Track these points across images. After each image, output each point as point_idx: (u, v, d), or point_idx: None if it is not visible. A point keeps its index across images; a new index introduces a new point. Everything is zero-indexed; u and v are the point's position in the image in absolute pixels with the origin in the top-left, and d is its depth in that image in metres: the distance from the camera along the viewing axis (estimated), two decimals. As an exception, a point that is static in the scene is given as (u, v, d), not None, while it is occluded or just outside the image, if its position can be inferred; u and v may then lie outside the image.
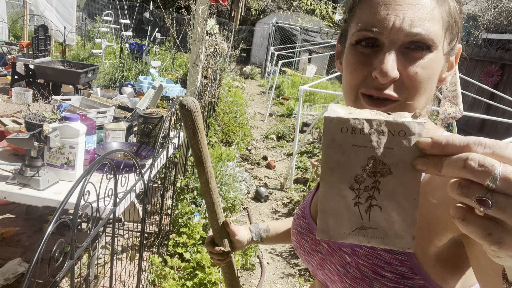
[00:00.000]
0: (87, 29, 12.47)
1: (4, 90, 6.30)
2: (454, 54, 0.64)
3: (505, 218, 0.33)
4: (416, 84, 0.58)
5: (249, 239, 1.00)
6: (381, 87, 0.59)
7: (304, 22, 14.45)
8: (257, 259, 3.06)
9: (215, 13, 3.98)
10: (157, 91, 3.13)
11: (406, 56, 0.58)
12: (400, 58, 0.58)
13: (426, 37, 0.57)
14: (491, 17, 10.29)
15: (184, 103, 0.76)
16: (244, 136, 5.87)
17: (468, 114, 3.92)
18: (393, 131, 0.41)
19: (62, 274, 1.06)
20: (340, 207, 0.43)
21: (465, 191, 0.35)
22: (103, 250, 2.47)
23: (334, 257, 0.71)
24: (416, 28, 0.56)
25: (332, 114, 0.43)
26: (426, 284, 0.60)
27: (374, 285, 0.62)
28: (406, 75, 0.58)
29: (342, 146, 0.42)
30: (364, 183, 0.42)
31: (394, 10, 0.57)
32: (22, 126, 2.19)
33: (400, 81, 0.59)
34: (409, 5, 0.57)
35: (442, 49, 0.60)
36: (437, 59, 0.59)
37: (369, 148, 0.41)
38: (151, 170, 1.91)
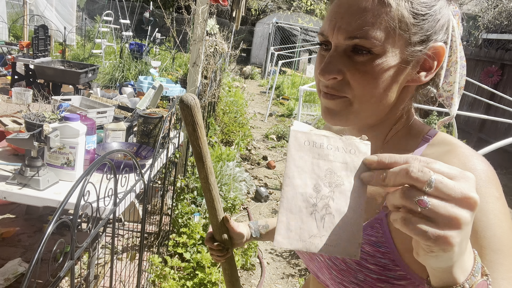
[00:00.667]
0: (87, 29, 12.48)
1: (4, 90, 6.30)
2: (423, 54, 0.64)
3: (437, 216, 0.41)
4: (360, 85, 0.62)
5: (248, 235, 1.02)
6: (327, 85, 0.65)
7: (304, 22, 14.45)
8: (257, 259, 3.06)
9: (215, 13, 3.98)
10: (157, 91, 3.13)
11: (351, 58, 0.63)
12: (345, 60, 0.63)
13: (364, 42, 0.60)
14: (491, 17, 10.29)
15: (184, 99, 0.77)
16: (244, 136, 5.87)
17: (468, 114, 3.92)
18: (346, 148, 0.47)
19: (62, 274, 1.06)
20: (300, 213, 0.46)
21: (407, 194, 0.42)
22: (103, 250, 2.47)
23: (318, 257, 0.75)
24: (353, 32, 0.60)
25: (298, 128, 0.48)
26: (407, 275, 0.64)
27: (359, 276, 0.67)
28: (349, 75, 0.63)
29: (304, 158, 0.47)
30: (321, 191, 0.46)
31: (338, 17, 0.62)
32: (22, 126, 2.19)
33: (345, 80, 0.63)
34: (350, 14, 0.61)
35: (394, 52, 0.61)
36: (386, 63, 0.61)
37: (327, 161, 0.47)
38: (151, 170, 1.91)
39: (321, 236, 0.46)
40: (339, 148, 0.47)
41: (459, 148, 0.64)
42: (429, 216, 0.41)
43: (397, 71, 0.63)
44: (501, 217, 0.57)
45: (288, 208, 0.46)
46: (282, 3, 17.78)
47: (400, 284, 0.65)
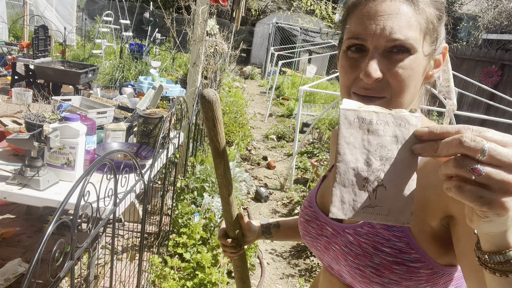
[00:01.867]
0: (87, 29, 12.48)
1: (4, 90, 6.30)
2: (438, 53, 0.73)
3: (492, 183, 0.42)
4: (399, 83, 0.67)
5: (259, 233, 1.05)
6: (367, 87, 0.68)
7: (304, 22, 14.45)
8: (257, 259, 3.06)
9: (215, 14, 3.98)
10: (157, 92, 3.14)
11: (388, 59, 0.66)
12: (384, 61, 0.66)
13: (404, 42, 0.65)
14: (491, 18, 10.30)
15: (205, 94, 0.78)
16: (244, 137, 5.87)
17: (468, 114, 3.92)
18: (396, 122, 0.48)
19: (62, 274, 1.06)
20: (353, 186, 0.49)
21: (461, 163, 0.43)
22: (103, 250, 2.47)
23: (338, 239, 0.78)
24: (395, 34, 0.65)
25: (347, 106, 0.50)
26: (421, 258, 0.67)
27: (375, 259, 0.70)
28: (390, 75, 0.66)
29: (354, 134, 0.49)
30: (372, 165, 0.49)
31: (376, 20, 0.66)
32: (22, 126, 2.19)
33: (385, 80, 0.67)
34: (389, 15, 0.65)
35: (422, 51, 0.68)
36: (418, 60, 0.67)
37: (377, 135, 0.49)
38: (151, 170, 1.91)
39: (374, 207, 0.49)
40: (388, 122, 0.49)
41: None
42: (483, 182, 0.42)
43: (424, 68, 0.70)
44: None
45: (341, 183, 0.49)
46: (282, 4, 17.78)
47: (415, 267, 0.67)
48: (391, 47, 0.66)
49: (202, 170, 3.50)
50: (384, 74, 0.66)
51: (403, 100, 0.68)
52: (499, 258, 0.47)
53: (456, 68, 9.08)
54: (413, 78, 0.68)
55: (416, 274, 0.67)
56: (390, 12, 0.66)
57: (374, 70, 0.65)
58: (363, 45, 0.68)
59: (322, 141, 6.11)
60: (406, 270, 0.67)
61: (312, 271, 3.05)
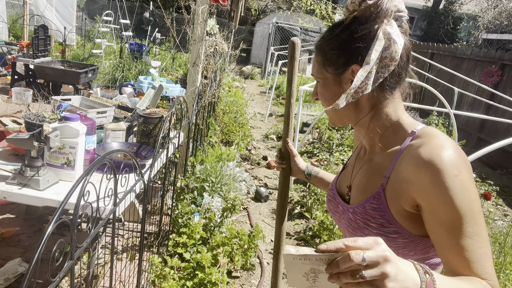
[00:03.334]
0: (87, 29, 12.47)
1: (4, 90, 6.30)
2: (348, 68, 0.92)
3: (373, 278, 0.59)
4: (324, 98, 0.99)
5: (303, 168, 1.31)
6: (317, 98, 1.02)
7: (304, 22, 14.44)
8: (257, 259, 3.06)
9: (215, 13, 3.98)
10: (157, 91, 3.14)
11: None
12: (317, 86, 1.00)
13: (317, 77, 0.98)
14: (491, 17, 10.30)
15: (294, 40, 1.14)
16: (244, 136, 5.87)
17: (468, 114, 3.92)
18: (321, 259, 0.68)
19: (62, 274, 1.06)
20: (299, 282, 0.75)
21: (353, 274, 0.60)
22: (103, 250, 2.47)
23: (344, 215, 1.02)
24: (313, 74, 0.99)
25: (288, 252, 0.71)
26: (398, 230, 0.87)
27: (365, 231, 0.93)
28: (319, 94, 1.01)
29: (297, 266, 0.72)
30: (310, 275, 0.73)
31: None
32: (22, 126, 2.19)
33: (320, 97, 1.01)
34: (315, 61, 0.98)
35: (327, 75, 0.95)
36: (327, 83, 0.97)
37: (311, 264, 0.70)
38: (151, 170, 1.91)
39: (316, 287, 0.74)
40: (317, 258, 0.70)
41: (433, 139, 0.83)
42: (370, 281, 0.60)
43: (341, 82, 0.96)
44: (458, 191, 0.76)
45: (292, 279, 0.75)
46: (282, 3, 17.77)
47: (393, 237, 0.88)
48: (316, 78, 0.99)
49: (202, 170, 3.50)
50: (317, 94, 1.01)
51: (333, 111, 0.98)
52: None
53: (456, 68, 9.08)
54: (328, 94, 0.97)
55: (394, 242, 0.88)
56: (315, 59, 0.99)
57: (314, 93, 1.02)
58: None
59: (322, 141, 6.11)
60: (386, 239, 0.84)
61: (312, 271, 3.05)
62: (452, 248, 0.76)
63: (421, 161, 0.80)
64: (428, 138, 0.83)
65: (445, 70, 7.02)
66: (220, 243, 2.69)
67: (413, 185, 0.81)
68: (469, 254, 0.75)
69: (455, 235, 0.76)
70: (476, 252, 0.75)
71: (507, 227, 3.14)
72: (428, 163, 0.79)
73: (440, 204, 0.77)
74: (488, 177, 5.69)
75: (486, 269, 0.75)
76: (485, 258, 0.76)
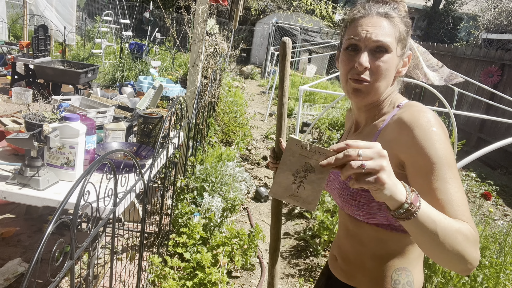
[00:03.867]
0: (87, 29, 12.47)
1: (4, 90, 6.30)
2: (405, 57, 1.06)
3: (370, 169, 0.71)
4: (379, 72, 0.99)
5: None
6: (359, 73, 1.00)
7: (304, 22, 14.44)
8: (257, 259, 3.06)
9: (215, 13, 3.98)
10: (157, 91, 3.13)
11: (373, 55, 0.99)
12: (370, 57, 0.99)
13: (383, 43, 0.98)
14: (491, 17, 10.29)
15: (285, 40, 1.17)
16: (244, 136, 5.87)
17: (468, 114, 3.92)
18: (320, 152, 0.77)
19: (62, 274, 1.06)
20: (285, 183, 0.82)
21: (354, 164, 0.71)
22: (103, 250, 2.47)
23: (335, 181, 1.13)
24: (377, 38, 0.98)
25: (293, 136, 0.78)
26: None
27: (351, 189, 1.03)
28: (373, 66, 0.99)
29: (294, 153, 0.79)
30: (299, 173, 0.80)
31: (366, 28, 1.00)
32: (22, 126, 2.19)
33: (370, 70, 1.00)
34: (374, 26, 0.99)
35: (395, 52, 1.01)
36: (392, 58, 1.00)
37: (307, 157, 0.78)
38: (151, 170, 1.91)
39: (295, 196, 0.82)
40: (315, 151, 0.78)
41: (413, 107, 0.98)
42: (367, 172, 0.71)
43: (396, 64, 1.03)
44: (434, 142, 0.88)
45: (280, 178, 0.82)
46: (282, 3, 17.77)
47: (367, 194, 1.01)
48: (375, 47, 0.98)
49: (202, 169, 3.50)
50: (370, 65, 0.99)
51: (380, 84, 1.01)
52: (400, 211, 0.76)
53: (456, 67, 9.07)
54: (388, 70, 1.00)
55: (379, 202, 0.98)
56: (375, 24, 1.00)
57: (365, 61, 0.98)
58: (357, 44, 1.00)
59: (322, 140, 6.11)
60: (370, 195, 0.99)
61: (312, 271, 3.05)
62: (431, 191, 0.86)
63: (401, 121, 0.95)
64: (411, 106, 0.99)
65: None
66: (220, 243, 2.69)
67: (396, 143, 0.94)
68: (447, 196, 0.84)
69: (433, 179, 0.86)
70: (454, 195, 0.85)
71: (507, 227, 3.14)
72: (408, 122, 0.93)
73: (419, 154, 0.89)
74: (488, 177, 5.69)
75: (464, 212, 0.84)
76: (463, 202, 0.85)
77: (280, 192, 0.82)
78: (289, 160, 0.78)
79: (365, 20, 1.00)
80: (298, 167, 0.78)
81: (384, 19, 1.00)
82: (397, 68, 1.03)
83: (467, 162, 2.48)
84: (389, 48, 0.98)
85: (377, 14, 1.00)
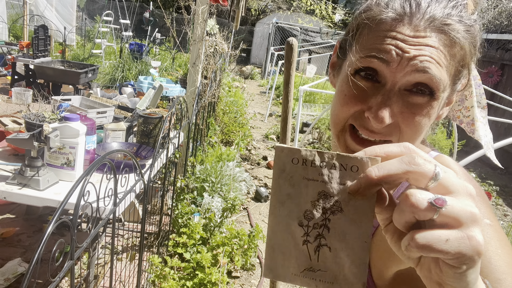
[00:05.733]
0: (87, 29, 12.47)
1: (4, 90, 6.30)
2: (456, 90, 0.61)
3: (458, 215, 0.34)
4: (412, 131, 0.57)
5: None
6: (372, 129, 0.57)
7: (304, 22, 14.46)
8: (257, 259, 3.06)
9: (215, 13, 3.98)
10: (157, 91, 3.13)
11: (405, 99, 0.55)
12: (399, 102, 0.55)
13: (432, 79, 0.53)
14: (491, 17, 10.30)
15: (289, 41, 1.09)
16: (244, 136, 5.87)
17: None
18: (345, 165, 0.38)
19: (62, 274, 1.06)
20: (288, 244, 0.40)
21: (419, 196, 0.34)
22: (103, 250, 2.47)
23: None
24: (427, 66, 0.52)
25: (283, 144, 0.41)
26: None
27: None
28: (403, 120, 0.56)
29: (293, 178, 0.39)
30: (313, 219, 0.39)
31: (402, 46, 0.53)
32: (22, 126, 2.19)
33: (394, 123, 0.56)
34: (421, 46, 0.53)
35: (443, 96, 0.57)
36: (438, 106, 0.57)
37: (319, 182, 0.39)
38: (151, 170, 1.91)
39: (316, 271, 0.40)
40: (336, 166, 0.38)
41: None
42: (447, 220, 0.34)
43: (438, 111, 0.59)
44: (494, 244, 0.52)
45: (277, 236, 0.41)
46: (282, 3, 17.78)
47: None
48: (414, 82, 0.54)
49: (202, 170, 3.50)
50: (395, 117, 0.55)
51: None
52: None
53: (456, 68, 9.07)
54: (427, 125, 0.58)
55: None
56: (424, 43, 0.53)
57: (387, 116, 0.54)
58: (379, 72, 0.55)
59: (322, 141, 6.11)
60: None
61: (312, 271, 3.05)
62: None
63: None
64: None
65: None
66: (220, 243, 2.69)
67: None
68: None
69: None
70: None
71: (507, 227, 3.14)
72: None
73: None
74: (488, 177, 5.70)
75: None
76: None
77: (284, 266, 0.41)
78: (285, 192, 0.40)
79: (404, 29, 0.53)
80: (306, 205, 0.39)
81: (438, 34, 0.53)
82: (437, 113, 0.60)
83: (467, 162, 2.47)
84: (438, 90, 0.54)
85: (429, 25, 0.53)
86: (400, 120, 0.55)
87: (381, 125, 0.54)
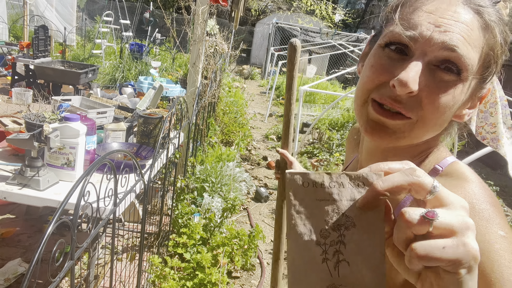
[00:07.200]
0: (87, 29, 12.48)
1: (4, 90, 6.30)
2: (481, 93, 0.60)
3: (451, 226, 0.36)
4: (434, 109, 0.55)
5: None
6: (396, 98, 0.55)
7: (304, 22, 14.46)
8: (257, 259, 3.06)
9: (215, 14, 3.98)
10: (157, 92, 3.14)
11: (433, 73, 0.54)
12: (426, 74, 0.54)
13: (461, 58, 0.52)
14: None
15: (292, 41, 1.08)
16: (244, 137, 5.87)
17: (468, 115, 3.92)
18: (353, 182, 0.41)
19: (62, 274, 1.06)
20: (309, 264, 0.42)
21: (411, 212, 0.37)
22: (103, 250, 2.47)
23: None
24: (455, 44, 0.52)
25: (293, 170, 0.45)
26: None
27: None
28: (427, 94, 0.54)
29: (305, 201, 0.42)
30: (329, 237, 0.41)
31: (437, 21, 0.53)
32: (22, 126, 2.19)
33: (418, 98, 0.54)
34: (456, 22, 0.53)
35: (470, 82, 0.56)
36: (463, 90, 0.55)
37: (331, 201, 0.41)
38: (151, 170, 1.91)
39: (338, 286, 0.41)
40: (344, 184, 0.41)
41: (467, 185, 0.56)
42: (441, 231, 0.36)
43: (462, 101, 0.57)
44: (508, 257, 0.49)
45: (297, 258, 0.42)
46: (282, 4, 17.79)
47: None
48: (442, 59, 0.53)
49: (202, 170, 3.50)
50: (420, 91, 0.53)
51: (428, 129, 0.57)
52: None
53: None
54: (450, 108, 0.55)
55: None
56: (458, 19, 0.53)
57: (412, 80, 0.52)
58: (408, 46, 0.55)
59: (322, 141, 6.11)
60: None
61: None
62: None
63: None
64: (458, 182, 0.57)
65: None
66: (220, 244, 2.69)
67: None
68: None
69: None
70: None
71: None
72: None
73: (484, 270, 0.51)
74: (488, 177, 5.69)
75: None
76: None
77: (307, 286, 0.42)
78: (300, 215, 0.42)
79: (437, 4, 0.55)
80: (321, 224, 0.41)
81: (473, 14, 0.54)
82: (460, 107, 0.59)
83: (467, 163, 2.48)
84: (467, 71, 0.53)
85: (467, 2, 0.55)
86: (424, 94, 0.54)
87: (405, 89, 0.52)
